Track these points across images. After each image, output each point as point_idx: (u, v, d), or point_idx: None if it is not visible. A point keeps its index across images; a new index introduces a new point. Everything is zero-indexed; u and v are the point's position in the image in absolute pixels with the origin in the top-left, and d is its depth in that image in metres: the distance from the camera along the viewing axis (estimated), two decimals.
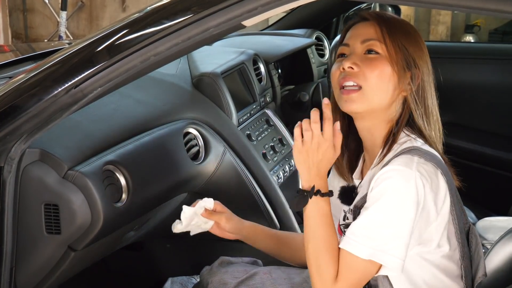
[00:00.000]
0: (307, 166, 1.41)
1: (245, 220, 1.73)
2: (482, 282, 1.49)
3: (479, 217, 2.35)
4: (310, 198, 1.40)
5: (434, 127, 1.47)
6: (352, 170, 1.57)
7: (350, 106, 1.43)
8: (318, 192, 1.41)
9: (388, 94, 1.43)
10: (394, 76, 1.43)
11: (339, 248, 1.39)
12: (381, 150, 1.45)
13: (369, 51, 1.44)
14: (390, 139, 1.44)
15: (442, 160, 1.44)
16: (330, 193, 1.43)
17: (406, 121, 1.46)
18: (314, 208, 1.41)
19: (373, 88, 1.42)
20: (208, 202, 1.67)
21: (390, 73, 1.42)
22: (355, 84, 1.42)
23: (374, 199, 1.36)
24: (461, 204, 1.47)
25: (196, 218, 1.65)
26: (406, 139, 1.43)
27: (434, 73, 1.50)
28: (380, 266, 1.37)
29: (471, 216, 2.35)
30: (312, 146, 1.39)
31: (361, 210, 1.40)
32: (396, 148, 1.42)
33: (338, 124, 1.43)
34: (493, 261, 1.61)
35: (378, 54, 1.43)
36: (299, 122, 1.42)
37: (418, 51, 1.45)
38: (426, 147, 1.42)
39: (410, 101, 1.44)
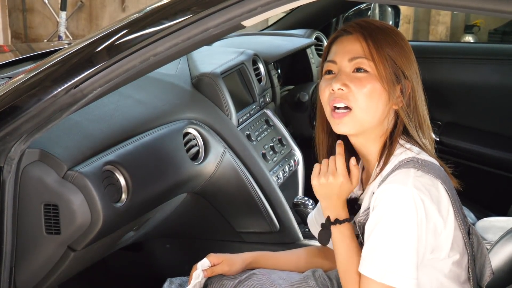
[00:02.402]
0: (327, 197, 1.51)
1: (244, 253, 1.75)
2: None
3: (479, 217, 2.35)
4: (331, 226, 1.50)
5: (428, 133, 1.47)
6: None
7: (342, 128, 1.44)
8: (336, 221, 1.49)
9: (378, 111, 1.42)
10: (384, 92, 1.41)
11: None
12: (377, 164, 1.46)
13: (358, 69, 1.42)
14: (385, 152, 1.45)
15: (441, 168, 1.43)
16: (348, 219, 1.50)
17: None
18: (337, 235, 1.50)
19: (363, 109, 1.41)
20: (204, 264, 1.68)
21: (380, 90, 1.41)
22: (346, 105, 1.42)
23: (375, 221, 1.38)
24: (461, 207, 1.47)
25: (201, 281, 1.67)
26: (402, 150, 1.43)
27: (426, 74, 1.49)
28: None
29: (470, 216, 2.35)
30: (329, 181, 1.49)
31: (366, 227, 1.41)
32: (393, 160, 1.42)
33: (353, 159, 1.51)
34: (493, 261, 1.61)
35: (367, 72, 1.41)
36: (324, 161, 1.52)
37: (405, 61, 1.43)
38: (423, 155, 1.41)
39: (403, 116, 1.44)
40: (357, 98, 1.41)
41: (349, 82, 1.41)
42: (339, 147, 1.51)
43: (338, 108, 1.43)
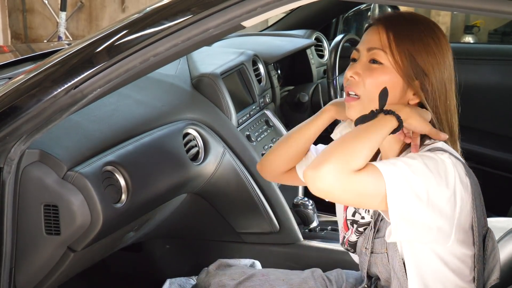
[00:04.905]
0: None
1: None
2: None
3: None
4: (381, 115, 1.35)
5: (450, 134, 1.43)
6: None
7: (350, 112, 1.45)
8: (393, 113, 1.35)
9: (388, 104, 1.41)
10: (398, 86, 1.41)
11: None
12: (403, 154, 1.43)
13: (373, 61, 1.42)
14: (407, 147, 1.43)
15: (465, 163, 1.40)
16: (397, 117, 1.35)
17: None
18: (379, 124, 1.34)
19: (370, 98, 1.41)
20: None
21: (392, 84, 1.40)
22: (355, 93, 1.43)
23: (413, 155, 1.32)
24: (483, 207, 1.43)
25: None
26: (431, 142, 1.40)
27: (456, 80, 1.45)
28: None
29: None
30: None
31: None
32: (423, 149, 1.39)
33: None
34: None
35: (381, 64, 1.41)
36: None
37: (429, 59, 1.40)
38: (448, 148, 1.39)
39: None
40: (366, 88, 1.42)
41: (361, 71, 1.43)
42: None
43: (349, 94, 1.45)
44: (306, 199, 2.40)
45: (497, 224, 2.22)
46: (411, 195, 1.26)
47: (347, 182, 1.24)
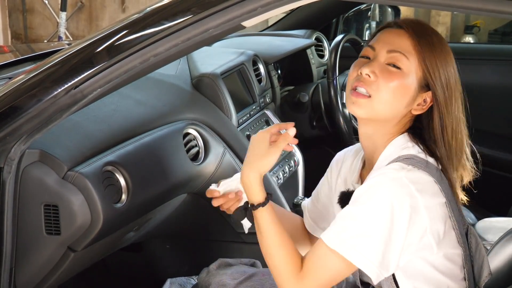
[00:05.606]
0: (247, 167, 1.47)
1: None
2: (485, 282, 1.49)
3: (479, 217, 2.35)
4: (253, 210, 1.45)
5: (448, 145, 1.45)
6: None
7: (355, 109, 1.43)
8: (253, 208, 1.44)
9: (396, 109, 1.42)
10: (409, 94, 1.41)
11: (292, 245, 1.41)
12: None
13: (392, 64, 1.41)
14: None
15: (438, 168, 1.42)
16: (252, 209, 1.44)
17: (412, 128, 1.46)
18: (258, 219, 1.45)
19: (382, 101, 1.40)
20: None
21: (405, 91, 1.40)
22: (366, 91, 1.41)
23: (358, 194, 1.37)
24: (460, 208, 1.47)
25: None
26: (405, 146, 1.42)
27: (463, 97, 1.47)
28: (353, 266, 1.35)
29: (470, 216, 2.35)
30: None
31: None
32: (394, 155, 1.42)
33: (293, 130, 1.53)
34: (493, 262, 1.61)
35: (399, 69, 1.40)
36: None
37: (445, 70, 1.42)
38: (423, 155, 1.41)
39: (424, 121, 1.44)
40: (381, 90, 1.40)
41: (378, 72, 1.40)
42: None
43: (357, 90, 1.42)
44: (306, 199, 2.40)
45: (497, 224, 2.22)
46: (378, 254, 1.32)
47: (318, 279, 1.36)
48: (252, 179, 1.44)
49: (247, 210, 1.48)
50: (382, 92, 1.40)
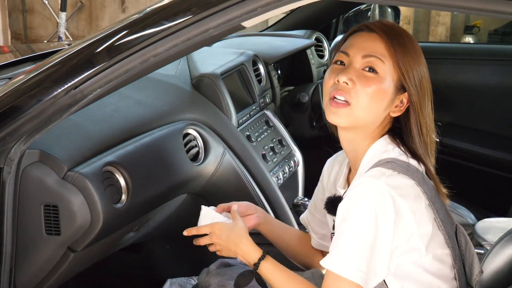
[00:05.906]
0: (229, 249, 1.57)
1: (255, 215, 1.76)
2: (482, 282, 1.49)
3: (479, 218, 2.35)
4: (255, 271, 1.52)
5: (424, 144, 1.45)
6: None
7: (335, 119, 1.43)
8: (255, 268, 1.51)
9: (376, 113, 1.42)
10: (387, 97, 1.41)
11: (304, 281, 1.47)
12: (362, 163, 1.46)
13: (368, 68, 1.41)
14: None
15: (418, 170, 1.42)
16: (255, 268, 1.51)
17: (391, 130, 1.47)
18: (264, 273, 1.51)
19: (361, 107, 1.40)
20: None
21: (384, 94, 1.41)
22: (345, 100, 1.41)
23: (341, 209, 1.38)
24: (446, 209, 1.47)
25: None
26: (384, 150, 1.43)
27: (433, 92, 1.47)
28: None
29: (470, 217, 2.35)
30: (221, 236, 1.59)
31: (336, 219, 1.42)
32: (374, 159, 1.42)
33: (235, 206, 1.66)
34: (493, 262, 1.61)
35: (376, 73, 1.40)
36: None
37: (417, 71, 1.42)
38: (404, 158, 1.41)
39: (402, 123, 1.45)
40: (359, 96, 1.40)
41: (355, 79, 1.40)
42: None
43: (336, 99, 1.42)
44: (306, 199, 2.40)
45: (497, 224, 2.22)
46: (364, 261, 1.33)
47: None
48: (243, 247, 1.54)
49: (253, 273, 1.53)
50: (361, 98, 1.40)
